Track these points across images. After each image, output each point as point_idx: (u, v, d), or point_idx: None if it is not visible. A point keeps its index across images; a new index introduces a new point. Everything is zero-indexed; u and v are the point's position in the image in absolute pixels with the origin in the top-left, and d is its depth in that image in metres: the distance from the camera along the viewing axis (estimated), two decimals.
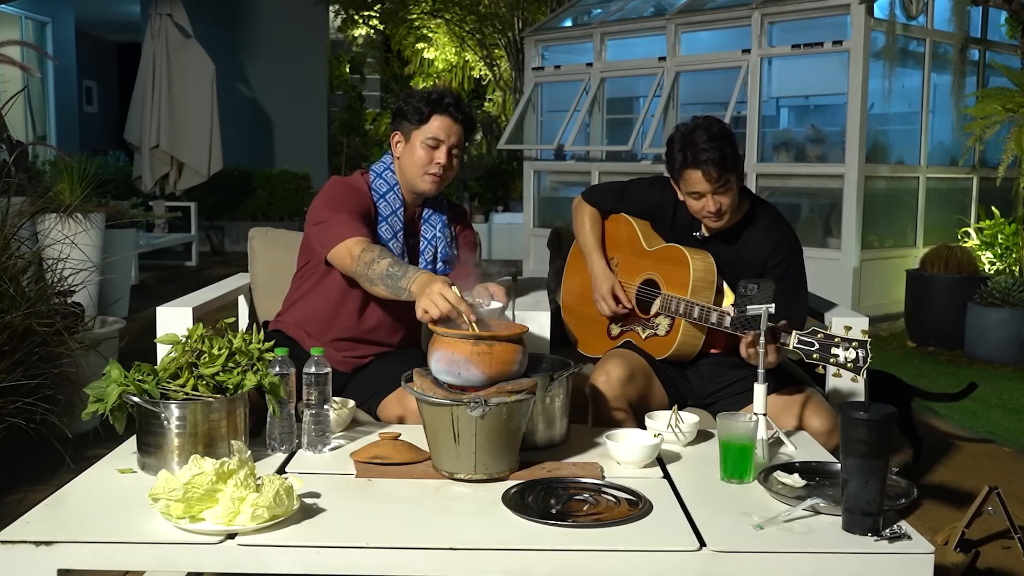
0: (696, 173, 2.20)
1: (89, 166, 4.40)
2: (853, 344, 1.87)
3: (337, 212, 2.17)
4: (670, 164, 2.28)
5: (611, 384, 2.23)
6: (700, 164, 2.19)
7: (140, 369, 1.77)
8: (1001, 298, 4.86)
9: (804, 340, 1.95)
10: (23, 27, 9.40)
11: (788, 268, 2.31)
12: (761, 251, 2.32)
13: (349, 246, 2.09)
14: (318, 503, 1.61)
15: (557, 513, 1.58)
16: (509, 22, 9.81)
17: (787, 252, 2.32)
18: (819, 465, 1.80)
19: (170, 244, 8.03)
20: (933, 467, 3.23)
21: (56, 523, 1.53)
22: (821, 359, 1.91)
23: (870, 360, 1.87)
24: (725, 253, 2.34)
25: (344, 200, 2.21)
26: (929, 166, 6.09)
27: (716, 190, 2.21)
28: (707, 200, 2.23)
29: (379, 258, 2.04)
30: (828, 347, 1.90)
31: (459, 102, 2.25)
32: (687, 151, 2.21)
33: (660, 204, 2.45)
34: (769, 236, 2.33)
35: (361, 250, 2.07)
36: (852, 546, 1.48)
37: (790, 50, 5.92)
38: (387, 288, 2.02)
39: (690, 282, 2.28)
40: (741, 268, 2.30)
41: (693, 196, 2.25)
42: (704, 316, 2.23)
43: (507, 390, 1.73)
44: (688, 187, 2.24)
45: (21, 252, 3.12)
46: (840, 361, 1.88)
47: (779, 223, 2.37)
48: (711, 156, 2.18)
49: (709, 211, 2.24)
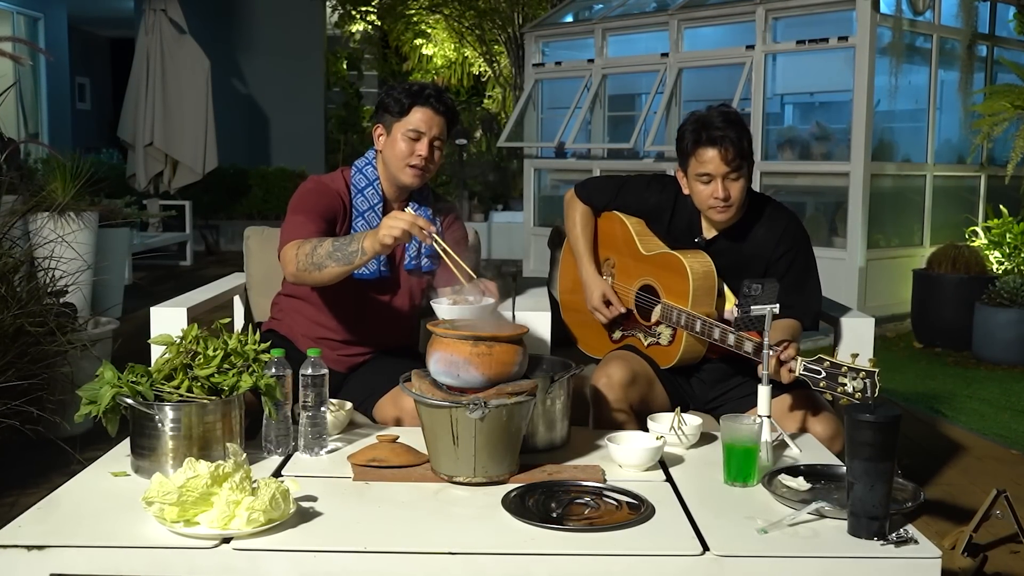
0: (711, 151, 2.14)
1: (82, 164, 4.35)
2: (860, 374, 1.84)
3: (295, 214, 2.17)
4: (681, 145, 2.21)
5: (612, 387, 2.21)
6: (716, 142, 2.13)
7: (134, 370, 1.76)
8: (1009, 298, 4.83)
9: (810, 368, 1.92)
10: (15, 22, 9.36)
11: (795, 256, 2.26)
12: (766, 244, 2.27)
13: (286, 252, 2.09)
14: (315, 507, 1.60)
15: (558, 517, 1.57)
16: (509, 17, 9.80)
17: (793, 240, 2.27)
18: (824, 468, 1.78)
19: (164, 243, 7.98)
20: (940, 470, 3.22)
21: (49, 527, 1.51)
22: (827, 387, 1.88)
23: (878, 391, 1.83)
24: (729, 253, 2.28)
25: (307, 199, 2.21)
26: (936, 164, 6.08)
27: (728, 175, 2.15)
28: (716, 185, 2.16)
29: (319, 243, 2.03)
30: (835, 376, 1.87)
31: (440, 94, 2.23)
32: (702, 131, 2.15)
33: (657, 206, 2.37)
34: (772, 227, 2.28)
35: (297, 248, 2.06)
36: (858, 550, 1.47)
37: (795, 46, 5.90)
38: (338, 262, 1.99)
39: (690, 292, 2.22)
40: (747, 265, 2.25)
41: (703, 180, 2.17)
42: (706, 331, 2.16)
43: (507, 392, 1.72)
44: (699, 168, 2.17)
45: (12, 251, 3.11)
46: (847, 391, 1.84)
47: (781, 211, 2.32)
48: (729, 135, 2.13)
49: (717, 197, 2.16)
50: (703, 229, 2.32)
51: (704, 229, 2.32)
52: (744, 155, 2.16)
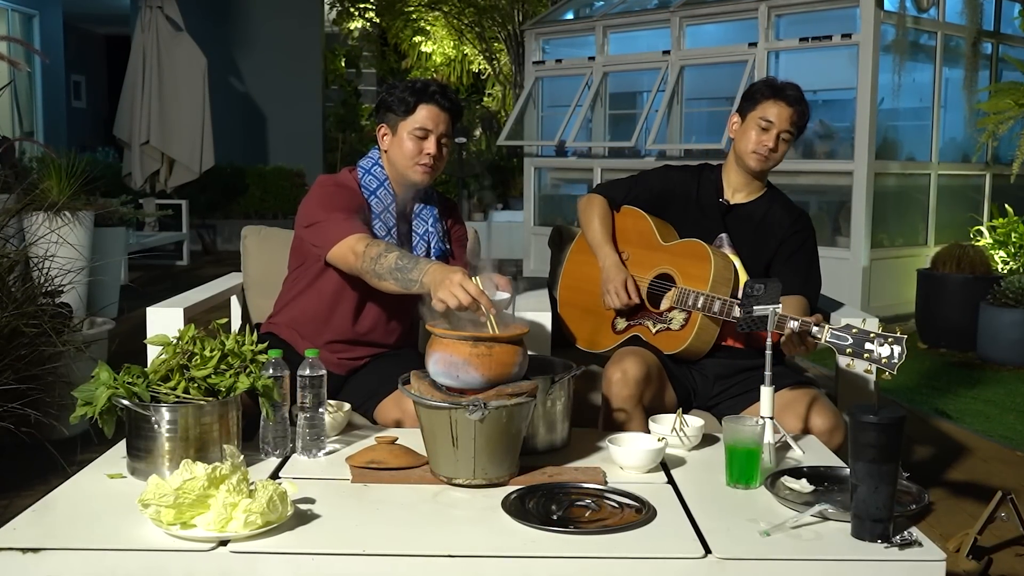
0: (779, 105, 2.34)
1: (77, 163, 4.35)
2: (888, 340, 1.86)
3: (332, 211, 2.14)
4: (751, 92, 2.40)
5: (627, 383, 2.20)
6: (787, 99, 2.35)
7: (130, 371, 1.74)
8: (1015, 298, 4.81)
9: (837, 334, 1.92)
10: (10, 20, 9.32)
11: (804, 241, 2.42)
12: (782, 222, 2.42)
13: (351, 243, 2.06)
14: (313, 509, 1.59)
15: (558, 519, 1.56)
16: (509, 15, 9.80)
17: (804, 228, 2.44)
18: (828, 470, 1.77)
19: (161, 243, 7.97)
20: (945, 472, 3.20)
21: (44, 530, 1.51)
22: (854, 354, 1.89)
23: (904, 357, 1.83)
24: (747, 220, 2.43)
25: (337, 199, 2.18)
26: (941, 163, 6.06)
27: (783, 132, 2.34)
28: (771, 135, 2.34)
29: (386, 252, 2.00)
30: (862, 342, 1.88)
31: (445, 90, 2.22)
32: (776, 90, 2.36)
33: (682, 180, 2.51)
34: (790, 210, 2.45)
35: (365, 246, 2.04)
36: (862, 553, 1.46)
37: (798, 43, 5.88)
38: (397, 282, 1.97)
39: (710, 277, 2.29)
40: (763, 236, 2.41)
41: (762, 125, 2.35)
42: (725, 310, 2.24)
43: (507, 393, 1.71)
44: (765, 113, 2.35)
45: (7, 251, 3.09)
46: (874, 357, 1.86)
47: (795, 205, 2.50)
48: (801, 103, 2.36)
49: (766, 144, 2.34)
50: (727, 194, 2.46)
51: (728, 194, 2.46)
52: (801, 127, 2.38)
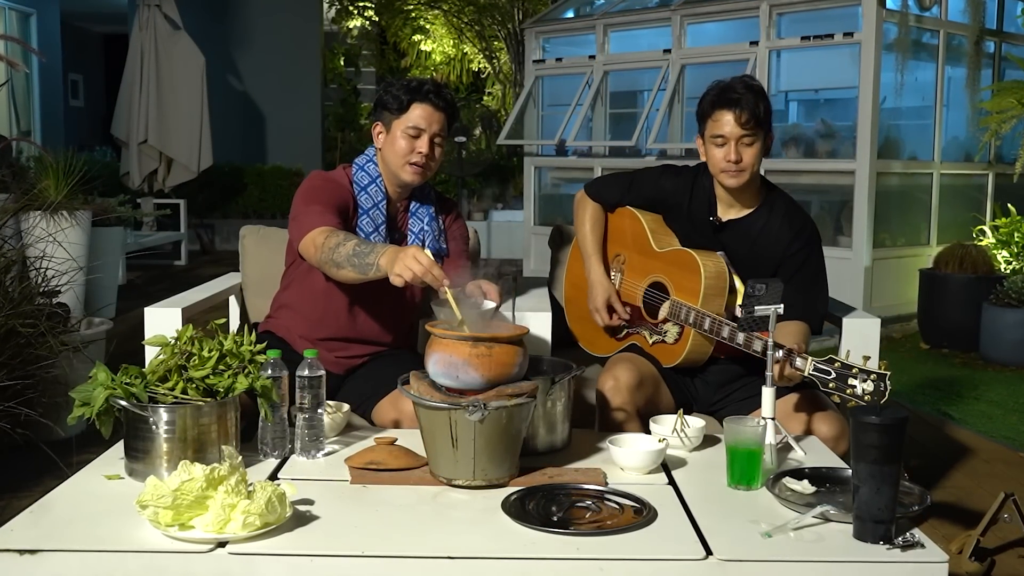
0: (727, 114, 2.19)
1: (75, 162, 4.33)
2: (872, 376, 1.82)
3: (310, 205, 2.15)
4: (700, 109, 2.26)
5: (620, 390, 2.19)
6: (732, 104, 2.18)
7: (128, 372, 1.74)
8: (1017, 298, 4.80)
9: (820, 368, 1.89)
10: (7, 19, 9.29)
11: (807, 257, 2.28)
12: (780, 239, 2.28)
13: (313, 236, 2.07)
14: (311, 510, 1.59)
15: (559, 521, 1.56)
16: (509, 13, 9.79)
17: (806, 241, 2.29)
18: (829, 471, 1.76)
19: (159, 243, 7.95)
20: (947, 473, 3.19)
21: (41, 531, 1.50)
22: (837, 389, 1.86)
23: (888, 395, 1.81)
24: (743, 239, 2.30)
25: (320, 193, 2.19)
26: (943, 162, 6.04)
27: (741, 138, 2.18)
28: (730, 148, 2.19)
29: (344, 241, 2.01)
30: (845, 377, 1.85)
31: (440, 89, 2.21)
32: (721, 94, 2.21)
33: (675, 190, 2.39)
34: (788, 224, 2.29)
35: (325, 237, 2.04)
36: (864, 555, 1.46)
37: (799, 42, 5.86)
38: (354, 268, 1.98)
39: (701, 289, 2.22)
40: (760, 255, 2.28)
41: (717, 142, 2.21)
42: (715, 329, 2.16)
43: (507, 393, 1.70)
44: (714, 129, 2.21)
45: (4, 251, 3.09)
46: (857, 393, 1.82)
47: (797, 211, 2.34)
48: (746, 99, 2.18)
49: (730, 160, 2.19)
50: (719, 211, 2.33)
51: (720, 211, 2.33)
52: (759, 122, 2.19)
